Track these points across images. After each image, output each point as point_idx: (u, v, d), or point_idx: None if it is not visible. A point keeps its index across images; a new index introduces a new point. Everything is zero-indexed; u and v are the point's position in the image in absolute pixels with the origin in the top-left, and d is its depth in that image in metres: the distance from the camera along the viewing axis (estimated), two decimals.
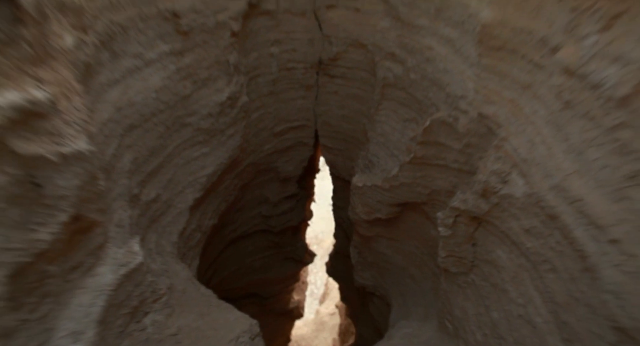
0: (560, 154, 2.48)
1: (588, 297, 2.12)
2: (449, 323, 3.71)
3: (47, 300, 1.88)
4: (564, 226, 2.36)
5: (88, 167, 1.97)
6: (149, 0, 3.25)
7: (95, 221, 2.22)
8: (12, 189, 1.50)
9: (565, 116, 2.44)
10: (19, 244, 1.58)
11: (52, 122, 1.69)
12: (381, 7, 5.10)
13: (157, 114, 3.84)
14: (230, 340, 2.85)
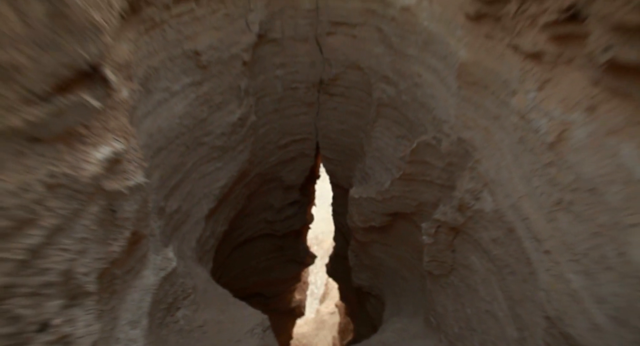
0: (517, 178, 3.05)
1: (532, 294, 2.69)
2: (432, 318, 4.28)
3: (114, 296, 2.45)
4: (518, 238, 2.94)
5: (143, 194, 2.54)
6: (176, 44, 3.82)
7: (144, 234, 2.79)
8: (100, 216, 2.08)
9: (520, 148, 3.01)
10: (102, 255, 2.15)
11: (123, 164, 2.26)
12: (376, 35, 5.68)
13: (180, 136, 4.41)
14: (247, 331, 3.43)
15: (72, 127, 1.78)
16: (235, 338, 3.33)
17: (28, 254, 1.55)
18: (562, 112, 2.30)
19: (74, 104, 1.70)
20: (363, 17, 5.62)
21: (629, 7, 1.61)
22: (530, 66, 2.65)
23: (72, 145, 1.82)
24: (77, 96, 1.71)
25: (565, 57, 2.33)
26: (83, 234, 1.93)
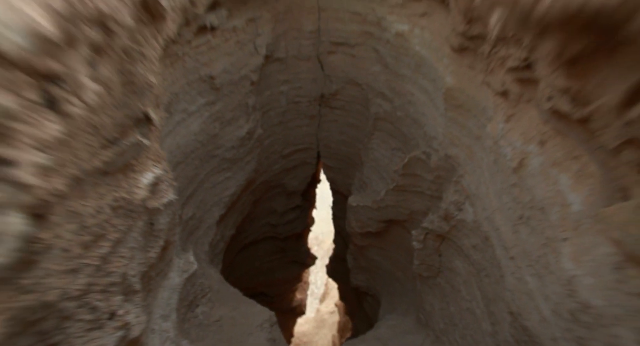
0: (492, 194, 3.53)
1: (502, 294, 3.17)
2: (422, 315, 4.76)
3: (149, 294, 2.94)
4: (492, 245, 3.42)
5: (173, 209, 3.02)
6: (193, 71, 4.30)
7: (172, 241, 3.28)
8: (144, 228, 2.56)
9: (494, 168, 3.49)
10: (143, 260, 2.64)
11: (160, 185, 2.75)
12: (373, 55, 6.16)
13: (195, 151, 4.89)
14: (257, 325, 3.91)
15: (129, 161, 2.26)
16: (247, 331, 3.81)
17: (100, 260, 2.03)
18: (522, 143, 2.78)
19: (132, 144, 2.18)
20: (361, 39, 6.10)
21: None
22: (499, 100, 3.13)
23: (127, 174, 2.30)
24: (133, 137, 2.19)
25: (525, 97, 2.81)
26: (133, 244, 2.41)
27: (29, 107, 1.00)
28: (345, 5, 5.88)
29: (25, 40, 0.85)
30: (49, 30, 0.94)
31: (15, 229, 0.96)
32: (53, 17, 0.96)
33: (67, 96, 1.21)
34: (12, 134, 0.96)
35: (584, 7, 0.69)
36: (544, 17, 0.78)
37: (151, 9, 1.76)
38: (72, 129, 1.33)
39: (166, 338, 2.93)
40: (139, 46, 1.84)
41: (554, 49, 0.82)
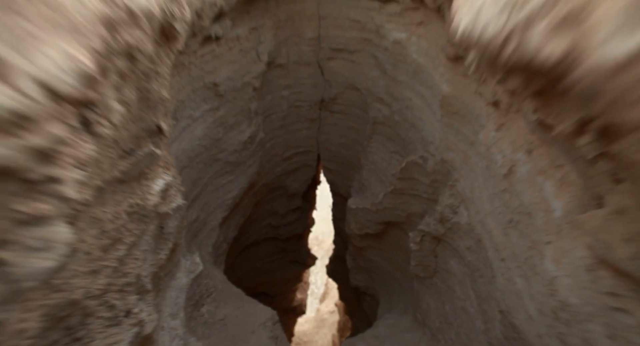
0: (485, 198, 3.70)
1: (493, 293, 3.33)
2: (419, 314, 4.93)
3: (159, 294, 3.10)
4: (484, 247, 3.58)
5: (181, 213, 3.19)
6: (198, 78, 4.47)
7: (179, 243, 3.44)
8: (155, 232, 2.72)
9: (487, 173, 3.65)
10: (154, 262, 2.80)
11: (170, 191, 2.91)
12: (372, 61, 6.32)
13: (199, 155, 5.06)
14: (260, 324, 4.08)
15: (142, 170, 2.42)
16: (250, 329, 3.98)
17: (117, 262, 2.19)
18: (511, 151, 2.94)
19: (146, 154, 2.34)
20: (360, 45, 6.26)
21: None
22: (491, 110, 3.29)
23: (140, 182, 2.47)
24: (147, 148, 2.36)
25: (514, 107, 2.97)
26: (145, 247, 2.58)
27: (71, 131, 1.16)
28: (344, 13, 6.04)
29: (76, 80, 1.02)
30: (91, 68, 1.10)
31: (63, 237, 1.12)
32: (94, 57, 1.12)
33: (98, 118, 1.38)
34: (59, 156, 1.12)
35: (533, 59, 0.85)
36: (507, 63, 0.95)
37: (166, 33, 1.92)
38: (101, 147, 1.49)
39: (175, 336, 3.10)
40: (155, 65, 2.00)
41: (519, 84, 0.98)
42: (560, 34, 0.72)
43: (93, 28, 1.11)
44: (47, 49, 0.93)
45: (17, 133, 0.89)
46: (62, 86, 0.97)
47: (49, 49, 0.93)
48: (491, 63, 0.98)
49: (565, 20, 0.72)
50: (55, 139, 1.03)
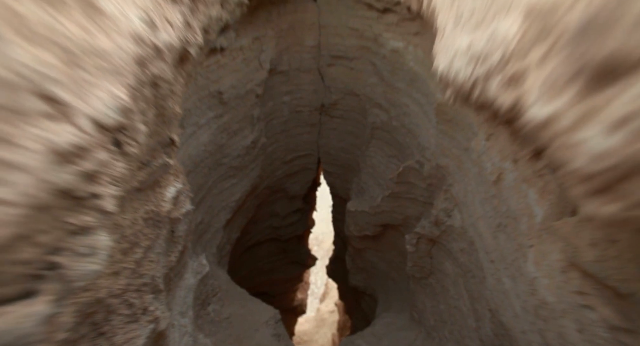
0: (476, 202, 3.90)
1: (484, 293, 3.54)
2: (415, 313, 5.13)
3: (169, 293, 3.30)
4: (476, 249, 3.79)
5: (190, 217, 3.39)
6: (204, 87, 4.67)
7: (187, 245, 3.64)
8: (167, 236, 2.92)
9: (479, 178, 3.85)
10: (166, 263, 3.00)
11: (180, 197, 3.11)
12: (370, 68, 6.52)
13: (204, 160, 5.26)
14: (263, 322, 4.28)
15: (157, 179, 2.63)
16: (254, 327, 4.18)
17: (135, 264, 2.39)
18: (499, 160, 3.15)
19: (160, 164, 2.55)
20: (359, 53, 6.47)
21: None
22: (481, 120, 3.50)
23: (155, 190, 2.67)
24: (161, 158, 2.56)
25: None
26: (158, 250, 2.78)
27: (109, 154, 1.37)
28: (344, 22, 6.24)
29: (116, 113, 1.22)
30: (127, 102, 1.30)
31: (104, 244, 1.32)
32: (129, 91, 1.32)
33: (128, 139, 1.58)
34: (99, 175, 1.33)
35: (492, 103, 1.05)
36: (475, 103, 1.15)
37: (182, 58, 2.12)
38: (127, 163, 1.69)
39: (185, 333, 3.30)
40: (171, 86, 2.20)
41: (489, 117, 1.18)
42: (508, 89, 0.92)
43: (129, 67, 1.32)
44: (98, 91, 1.13)
45: (74, 161, 1.10)
46: (107, 120, 1.17)
47: (99, 91, 1.13)
48: (464, 101, 1.18)
49: (511, 79, 0.91)
50: (99, 163, 1.24)
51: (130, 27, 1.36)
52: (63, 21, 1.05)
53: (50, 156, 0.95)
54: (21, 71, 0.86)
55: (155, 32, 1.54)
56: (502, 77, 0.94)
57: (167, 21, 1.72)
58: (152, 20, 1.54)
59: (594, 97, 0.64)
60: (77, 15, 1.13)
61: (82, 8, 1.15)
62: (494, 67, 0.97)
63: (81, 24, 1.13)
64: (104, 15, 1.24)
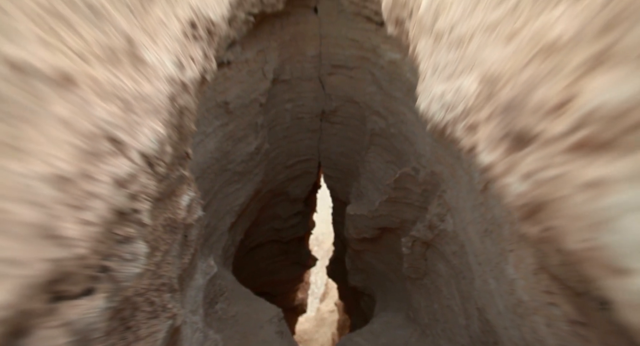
0: (468, 208, 4.17)
1: (472, 293, 3.81)
2: (410, 312, 5.40)
3: (182, 293, 3.58)
4: (466, 252, 4.06)
5: (201, 223, 3.67)
6: (211, 98, 4.95)
7: (198, 248, 3.92)
8: (181, 240, 3.20)
9: (469, 186, 4.13)
10: (180, 265, 3.28)
11: (193, 205, 3.39)
12: (369, 77, 6.80)
13: (210, 166, 5.53)
14: (267, 320, 4.55)
15: (173, 189, 2.90)
16: (259, 325, 4.45)
17: (155, 266, 2.67)
18: None
19: (177, 176, 2.83)
20: (358, 62, 6.74)
21: None
22: None
23: (171, 199, 2.95)
24: (178, 171, 2.84)
25: None
26: (174, 253, 3.06)
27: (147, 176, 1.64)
28: (344, 33, 6.52)
29: (156, 145, 1.50)
30: (163, 133, 1.58)
31: (142, 251, 1.60)
32: (164, 124, 1.60)
33: (158, 161, 1.86)
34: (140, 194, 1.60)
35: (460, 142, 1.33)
36: (448, 139, 1.42)
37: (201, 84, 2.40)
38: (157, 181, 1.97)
39: (196, 329, 3.58)
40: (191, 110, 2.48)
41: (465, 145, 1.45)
42: (468, 135, 1.20)
43: (164, 105, 1.59)
44: (143, 129, 1.41)
45: (126, 185, 1.37)
46: (149, 151, 1.45)
47: (144, 129, 1.41)
48: (440, 136, 1.46)
49: (469, 128, 1.19)
50: (141, 185, 1.51)
51: (165, 71, 1.63)
52: (120, 76, 1.32)
53: (114, 184, 1.23)
54: (99, 123, 1.13)
55: (182, 71, 1.81)
56: (464, 125, 1.22)
57: (191, 58, 1.99)
58: (181, 61, 1.81)
59: (513, 156, 0.91)
60: (129, 68, 1.40)
61: (131, 62, 1.42)
62: (459, 116, 1.25)
63: (132, 75, 1.40)
64: (147, 64, 1.51)
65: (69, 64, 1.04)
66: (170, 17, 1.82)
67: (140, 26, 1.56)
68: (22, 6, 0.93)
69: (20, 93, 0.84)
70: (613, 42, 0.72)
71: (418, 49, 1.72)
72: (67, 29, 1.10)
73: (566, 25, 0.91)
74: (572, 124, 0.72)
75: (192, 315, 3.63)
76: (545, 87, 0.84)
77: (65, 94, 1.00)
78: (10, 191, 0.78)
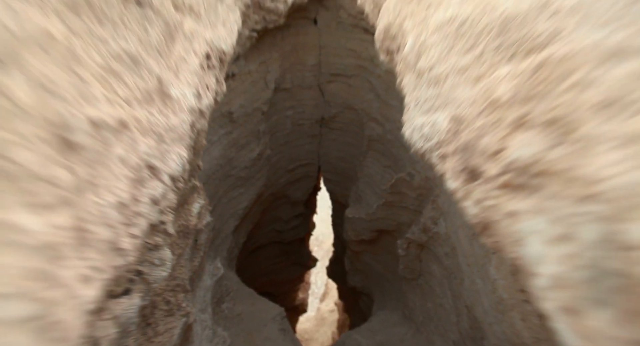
0: (457, 213, 4.44)
1: (462, 292, 4.09)
2: (406, 311, 5.68)
3: (193, 292, 3.86)
4: (457, 254, 4.34)
5: (209, 227, 3.94)
6: (216, 109, 5.22)
7: (206, 251, 4.20)
8: (192, 245, 3.48)
9: None
10: (190, 268, 3.55)
11: (202, 211, 3.67)
12: (367, 85, 7.08)
13: (215, 172, 5.81)
14: (270, 318, 4.83)
15: (186, 198, 3.18)
16: (263, 323, 4.73)
17: (171, 269, 2.94)
18: None
19: (190, 187, 3.10)
20: (356, 71, 7.02)
21: None
22: None
23: (184, 207, 3.22)
24: (191, 182, 3.11)
25: None
26: (186, 257, 3.33)
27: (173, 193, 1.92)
28: (342, 44, 6.80)
29: (181, 167, 1.77)
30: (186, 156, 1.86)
31: (168, 257, 1.88)
32: (188, 148, 1.88)
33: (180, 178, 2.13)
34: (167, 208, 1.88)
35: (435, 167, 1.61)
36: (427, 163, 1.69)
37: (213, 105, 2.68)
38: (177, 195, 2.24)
39: (205, 326, 3.85)
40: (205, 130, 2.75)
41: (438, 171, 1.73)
42: (440, 163, 1.47)
43: (187, 132, 1.87)
44: (172, 155, 1.68)
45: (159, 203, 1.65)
46: (176, 173, 1.72)
47: (172, 155, 1.69)
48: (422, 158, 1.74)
49: (441, 158, 1.46)
50: (169, 200, 1.79)
51: (187, 103, 1.90)
52: (154, 112, 1.59)
53: (151, 203, 1.50)
54: (142, 155, 1.40)
55: (200, 100, 2.09)
56: (437, 154, 1.49)
57: (207, 87, 2.26)
58: (199, 92, 2.08)
59: (469, 186, 1.18)
60: (159, 105, 1.67)
61: (161, 98, 1.69)
62: (433, 146, 1.52)
63: (162, 110, 1.67)
64: (172, 99, 1.78)
65: (122, 112, 1.31)
66: (190, 53, 2.10)
67: (166, 65, 1.84)
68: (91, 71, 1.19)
69: (97, 143, 1.12)
70: (529, 111, 1.00)
71: (404, 83, 2.00)
72: (118, 81, 1.37)
73: (507, 86, 1.19)
74: (501, 169, 1.00)
75: (201, 314, 3.90)
76: (489, 136, 1.12)
77: (121, 136, 1.27)
78: (94, 217, 1.05)
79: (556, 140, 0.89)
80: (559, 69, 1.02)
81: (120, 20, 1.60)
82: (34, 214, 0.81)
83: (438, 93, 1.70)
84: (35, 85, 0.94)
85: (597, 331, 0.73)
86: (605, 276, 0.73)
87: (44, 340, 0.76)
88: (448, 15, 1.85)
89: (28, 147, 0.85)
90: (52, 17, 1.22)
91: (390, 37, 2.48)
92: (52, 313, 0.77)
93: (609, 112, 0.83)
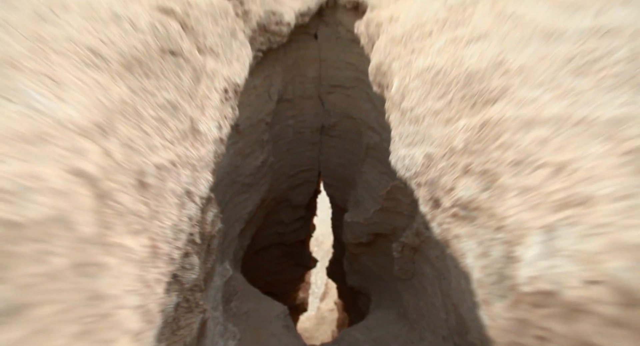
0: None
1: (450, 291, 4.49)
2: (401, 309, 6.08)
3: (206, 292, 4.26)
4: (445, 257, 4.74)
5: (220, 233, 4.34)
6: None
7: (217, 254, 4.60)
8: (205, 249, 3.87)
9: None
10: (204, 269, 3.95)
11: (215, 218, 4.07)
12: (364, 96, 7.48)
13: (223, 180, 6.21)
14: (274, 316, 5.23)
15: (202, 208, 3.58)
16: (268, 320, 5.13)
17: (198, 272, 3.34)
18: None
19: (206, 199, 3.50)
20: (354, 83, 7.42)
21: None
22: None
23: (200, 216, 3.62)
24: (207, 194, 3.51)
25: None
26: (201, 260, 3.74)
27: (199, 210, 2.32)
28: (341, 57, 7.20)
29: (207, 189, 2.17)
30: (211, 179, 2.26)
31: (197, 262, 2.27)
32: (212, 171, 2.28)
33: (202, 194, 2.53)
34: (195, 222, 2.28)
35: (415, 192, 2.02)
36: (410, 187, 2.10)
37: None
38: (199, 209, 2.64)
39: (217, 323, 4.25)
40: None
41: (416, 195, 2.13)
42: (417, 190, 1.88)
43: (212, 159, 2.27)
44: (202, 180, 2.09)
45: (192, 219, 2.05)
46: (204, 194, 2.12)
47: (202, 180, 2.09)
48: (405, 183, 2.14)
49: (417, 186, 1.87)
50: (198, 216, 2.19)
51: (212, 135, 2.30)
52: (188, 147, 1.99)
53: (188, 221, 1.90)
54: (183, 185, 1.80)
55: (222, 131, 2.48)
56: (414, 183, 1.90)
57: (225, 117, 2.66)
58: (220, 124, 2.48)
59: (434, 212, 1.58)
60: (192, 140, 2.06)
61: (193, 134, 2.09)
62: (412, 176, 1.92)
63: (194, 145, 2.06)
64: (201, 133, 2.18)
65: (171, 153, 1.71)
66: (212, 90, 2.49)
67: (195, 105, 2.24)
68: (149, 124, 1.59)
69: (158, 181, 1.51)
70: (472, 161, 1.40)
71: (391, 119, 2.40)
72: (165, 127, 1.77)
73: (462, 137, 1.59)
74: (452, 203, 1.40)
75: (213, 311, 4.30)
76: (447, 177, 1.53)
77: (172, 173, 1.67)
78: (160, 236, 1.45)
79: (485, 186, 1.29)
80: (494, 130, 1.43)
81: (160, 72, 2.01)
82: (133, 239, 1.20)
83: (417, 130, 2.11)
84: (123, 144, 1.34)
85: (497, 314, 1.13)
86: (504, 280, 1.13)
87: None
88: (427, 63, 2.27)
89: (125, 191, 1.24)
90: (118, 81, 1.63)
91: (381, 74, 2.88)
92: (147, 303, 1.17)
93: (518, 169, 1.23)
